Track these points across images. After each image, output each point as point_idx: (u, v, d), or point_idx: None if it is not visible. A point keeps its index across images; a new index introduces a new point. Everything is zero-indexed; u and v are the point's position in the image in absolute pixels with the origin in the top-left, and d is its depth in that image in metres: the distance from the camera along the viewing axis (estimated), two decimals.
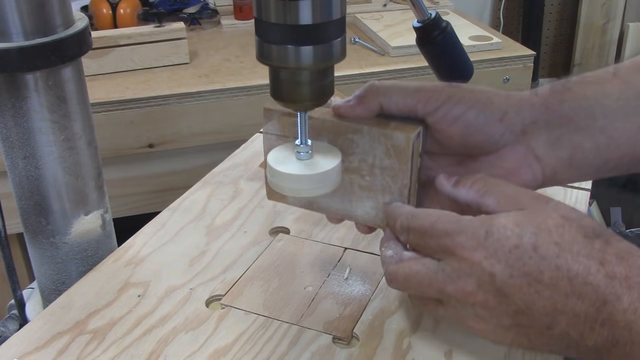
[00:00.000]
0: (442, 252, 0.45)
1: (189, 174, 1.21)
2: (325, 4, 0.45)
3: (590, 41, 2.28)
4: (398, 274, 0.48)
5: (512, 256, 0.43)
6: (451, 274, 0.45)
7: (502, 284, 0.43)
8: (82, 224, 0.63)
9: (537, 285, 0.42)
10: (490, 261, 0.43)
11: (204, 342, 0.53)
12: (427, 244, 0.47)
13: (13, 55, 0.53)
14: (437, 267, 0.46)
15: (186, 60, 1.37)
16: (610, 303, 0.40)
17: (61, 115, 0.58)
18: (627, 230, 1.03)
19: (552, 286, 0.42)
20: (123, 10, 1.47)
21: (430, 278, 0.46)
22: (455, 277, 0.44)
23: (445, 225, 0.46)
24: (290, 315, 0.56)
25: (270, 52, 0.47)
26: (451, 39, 0.67)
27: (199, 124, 1.26)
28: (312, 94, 0.49)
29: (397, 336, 0.54)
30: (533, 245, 0.42)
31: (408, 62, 1.35)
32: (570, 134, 0.53)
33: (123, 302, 0.58)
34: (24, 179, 0.59)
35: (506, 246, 0.43)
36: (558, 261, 0.42)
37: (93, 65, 1.29)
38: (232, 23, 1.61)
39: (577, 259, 0.42)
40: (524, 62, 1.41)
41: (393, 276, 0.48)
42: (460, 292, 0.44)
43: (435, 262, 0.46)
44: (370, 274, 0.61)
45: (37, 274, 0.65)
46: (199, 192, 0.75)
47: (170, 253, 0.64)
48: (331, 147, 0.54)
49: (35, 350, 0.52)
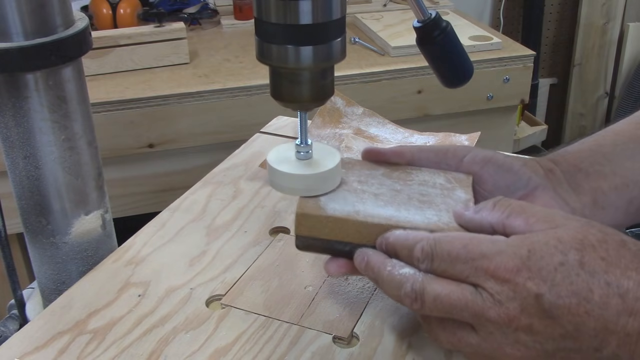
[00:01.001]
0: (479, 276, 0.42)
1: (189, 174, 1.21)
2: (325, 4, 0.45)
3: (590, 41, 2.28)
4: (426, 293, 0.43)
5: (558, 275, 0.40)
6: (492, 297, 0.41)
7: (550, 306, 0.40)
8: (82, 224, 0.63)
9: (587, 304, 0.39)
10: (535, 281, 0.40)
11: (204, 342, 0.53)
12: (459, 269, 0.43)
13: (13, 55, 0.53)
14: (475, 291, 0.42)
15: (186, 60, 1.37)
16: None
17: (61, 115, 0.58)
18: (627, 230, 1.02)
19: (603, 304, 0.39)
20: (123, 10, 1.47)
21: (467, 300, 0.42)
22: (497, 300, 0.41)
23: (480, 246, 0.42)
24: (290, 315, 0.56)
25: (270, 52, 0.47)
26: (451, 39, 0.67)
27: (199, 124, 1.26)
28: (312, 94, 0.49)
29: (397, 336, 0.54)
30: (579, 261, 0.40)
31: (408, 62, 1.36)
32: (585, 179, 0.54)
33: (123, 302, 0.58)
34: (24, 178, 0.59)
35: (551, 264, 0.40)
36: (607, 277, 0.40)
37: (93, 65, 1.29)
38: (232, 23, 1.61)
39: (626, 273, 0.40)
40: (524, 62, 1.41)
41: (419, 294, 0.44)
42: (502, 317, 0.41)
43: (470, 286, 0.42)
44: None
45: (37, 274, 0.65)
46: (199, 192, 0.75)
47: (171, 253, 0.64)
48: (331, 147, 0.54)
49: (36, 350, 0.52)
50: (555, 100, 2.44)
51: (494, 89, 1.40)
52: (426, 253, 0.44)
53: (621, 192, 0.54)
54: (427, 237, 0.45)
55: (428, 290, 0.43)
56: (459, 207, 0.50)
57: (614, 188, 0.54)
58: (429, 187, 0.53)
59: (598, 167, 0.55)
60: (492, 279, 0.41)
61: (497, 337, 0.42)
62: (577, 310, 0.40)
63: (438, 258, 0.44)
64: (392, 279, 0.46)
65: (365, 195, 0.51)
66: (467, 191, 0.52)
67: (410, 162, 0.56)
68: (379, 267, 0.47)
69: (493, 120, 1.46)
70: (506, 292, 0.41)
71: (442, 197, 0.51)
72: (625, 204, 0.54)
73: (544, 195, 0.53)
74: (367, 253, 0.48)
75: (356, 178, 0.54)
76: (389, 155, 0.56)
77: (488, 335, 0.42)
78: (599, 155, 0.55)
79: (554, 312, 0.40)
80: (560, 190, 0.54)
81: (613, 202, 0.54)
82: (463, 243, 0.43)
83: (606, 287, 0.39)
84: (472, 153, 0.55)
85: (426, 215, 0.49)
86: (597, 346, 0.40)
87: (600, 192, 0.54)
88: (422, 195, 0.52)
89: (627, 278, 0.40)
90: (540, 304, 0.40)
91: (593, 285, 0.40)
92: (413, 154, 0.56)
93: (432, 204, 0.51)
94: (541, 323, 0.40)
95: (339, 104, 0.87)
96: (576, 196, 0.54)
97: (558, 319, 0.40)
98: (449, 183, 0.53)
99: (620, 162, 0.54)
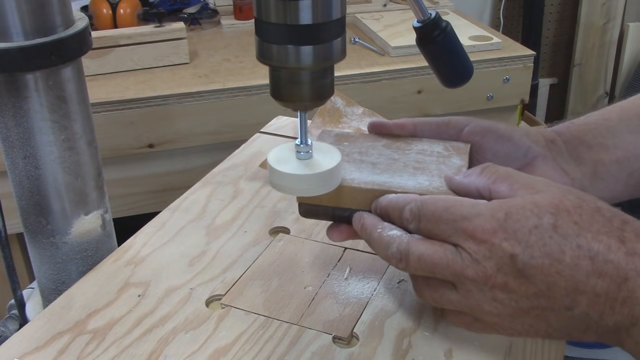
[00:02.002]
0: (459, 237, 0.44)
1: (189, 174, 1.21)
2: (325, 4, 0.45)
3: (590, 41, 2.28)
4: (411, 253, 0.46)
5: (532, 237, 0.42)
6: (470, 257, 0.44)
7: (524, 265, 0.42)
8: (82, 224, 0.63)
9: (559, 265, 0.41)
10: (510, 242, 0.42)
11: (204, 342, 0.53)
12: (442, 229, 0.45)
13: (13, 55, 0.53)
14: (455, 250, 0.44)
15: (186, 60, 1.37)
16: (631, 279, 0.40)
17: (61, 115, 0.58)
18: None
19: (573, 266, 0.41)
20: (123, 10, 1.47)
21: (448, 259, 0.44)
22: (474, 260, 0.43)
23: (462, 209, 0.45)
24: (290, 315, 0.56)
25: (270, 52, 0.47)
26: (451, 39, 0.67)
27: (199, 124, 1.26)
28: (312, 94, 0.49)
29: (397, 336, 0.54)
30: (553, 225, 0.42)
31: (408, 62, 1.36)
32: (587, 151, 0.56)
33: (123, 302, 0.58)
34: (24, 178, 0.59)
35: (526, 227, 0.42)
36: (579, 240, 0.42)
37: (93, 65, 1.29)
38: (232, 23, 1.61)
39: (597, 237, 0.42)
40: (524, 62, 1.41)
41: (404, 254, 0.46)
42: (480, 275, 0.43)
43: (452, 245, 0.45)
44: (370, 274, 0.61)
45: (37, 274, 0.65)
46: (199, 192, 0.75)
47: (170, 253, 0.64)
48: (331, 147, 0.54)
49: (35, 350, 0.52)
50: (555, 100, 2.44)
51: (494, 89, 1.40)
52: (414, 214, 0.47)
53: (622, 165, 0.55)
54: (415, 199, 0.48)
55: (412, 250, 0.46)
56: (450, 172, 0.52)
57: (615, 161, 0.55)
58: (426, 155, 0.55)
59: (601, 139, 0.56)
60: (471, 239, 0.44)
61: (475, 294, 0.44)
62: (549, 270, 0.42)
63: (424, 219, 0.46)
64: (381, 239, 0.48)
65: (363, 164, 0.55)
66: (463, 158, 0.54)
67: (413, 134, 0.59)
68: (371, 229, 0.49)
69: (493, 120, 1.46)
70: (483, 252, 0.43)
71: (437, 164, 0.54)
72: (625, 176, 0.55)
73: (543, 165, 0.55)
74: (363, 216, 0.51)
75: (358, 149, 0.57)
76: (391, 128, 0.58)
77: (467, 292, 0.45)
78: (603, 129, 0.56)
79: (527, 271, 0.42)
80: (560, 160, 0.55)
81: (613, 173, 0.55)
82: (446, 205, 0.46)
83: (577, 250, 0.41)
84: (473, 123, 0.57)
85: (418, 180, 0.52)
86: (569, 305, 0.42)
87: (600, 164, 0.55)
88: (417, 162, 0.54)
89: (597, 242, 0.41)
90: (514, 264, 0.42)
91: (565, 247, 0.42)
92: (415, 126, 0.58)
93: (426, 170, 0.53)
94: (515, 282, 0.43)
95: (339, 104, 0.87)
96: (577, 167, 0.55)
97: (531, 277, 0.42)
98: (447, 151, 0.56)
99: (624, 136, 0.56)
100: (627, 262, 0.41)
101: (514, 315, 0.44)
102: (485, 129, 0.56)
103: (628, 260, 0.41)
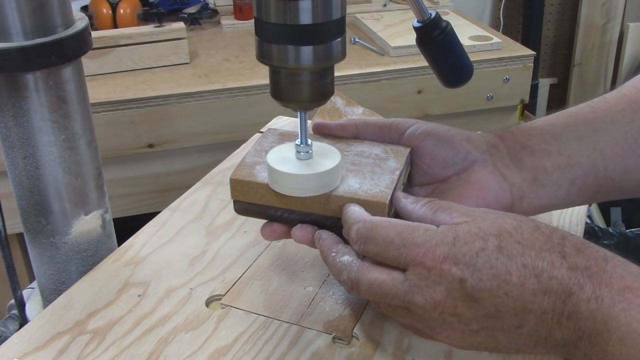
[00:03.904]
0: (408, 263, 0.44)
1: (189, 174, 1.21)
2: (325, 4, 0.45)
3: (590, 41, 2.28)
4: (361, 282, 0.46)
5: (479, 260, 0.42)
6: (418, 283, 0.44)
7: (472, 289, 0.42)
8: (82, 224, 0.63)
9: (506, 286, 0.42)
10: (460, 267, 0.43)
11: (204, 342, 0.53)
12: (391, 255, 0.45)
13: (13, 55, 0.53)
14: (403, 278, 0.45)
15: (186, 60, 1.37)
16: (574, 294, 0.41)
17: (61, 115, 0.58)
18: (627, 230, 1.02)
19: (520, 285, 0.42)
20: (123, 10, 1.47)
21: (397, 289, 0.45)
22: (423, 286, 0.44)
23: (414, 234, 0.45)
24: (290, 315, 0.56)
25: (270, 52, 0.47)
26: (451, 39, 0.67)
27: (199, 124, 1.26)
28: (312, 94, 0.49)
29: (397, 336, 0.54)
30: (498, 246, 0.43)
31: (408, 62, 1.36)
32: (529, 156, 0.56)
33: (123, 302, 0.58)
34: (24, 178, 0.59)
35: (473, 250, 0.43)
36: (524, 259, 0.42)
37: (93, 65, 1.29)
38: (232, 23, 1.61)
39: (540, 254, 0.42)
40: (524, 62, 1.41)
41: (355, 283, 0.47)
42: (429, 301, 0.44)
43: (400, 272, 0.45)
44: None
45: (37, 274, 0.65)
46: (199, 192, 0.75)
47: (170, 253, 0.64)
48: (331, 147, 0.54)
49: (35, 350, 0.52)
50: (555, 100, 2.44)
51: (494, 89, 1.40)
52: (360, 235, 0.47)
53: (564, 172, 0.55)
54: (364, 219, 0.48)
55: (362, 279, 0.46)
56: (386, 177, 0.52)
57: (557, 167, 0.55)
58: (364, 157, 0.55)
59: (545, 145, 0.56)
60: (420, 265, 0.44)
61: (426, 319, 0.45)
62: (497, 292, 0.42)
63: (373, 242, 0.46)
64: (334, 265, 0.49)
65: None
66: (400, 161, 0.55)
67: (355, 135, 0.58)
68: (326, 252, 0.50)
69: (493, 120, 1.46)
70: (433, 278, 0.43)
71: (372, 166, 0.54)
72: (567, 183, 0.55)
73: (482, 169, 0.55)
74: (321, 236, 0.51)
75: None
76: (333, 129, 0.58)
77: (419, 317, 0.45)
78: (548, 135, 0.56)
79: (476, 295, 0.43)
80: (500, 165, 0.55)
81: (555, 180, 0.55)
82: (398, 230, 0.45)
83: (523, 269, 0.42)
84: (414, 126, 0.57)
85: (349, 183, 0.52)
86: (518, 324, 0.43)
87: (542, 170, 0.55)
88: (353, 164, 0.54)
89: (541, 259, 0.42)
90: (464, 288, 0.43)
91: (511, 268, 0.42)
92: (358, 128, 0.58)
93: (359, 173, 0.53)
94: (464, 305, 0.43)
95: (339, 104, 0.87)
96: (517, 172, 0.55)
97: (480, 300, 0.43)
98: (385, 153, 0.56)
99: (568, 143, 0.56)
100: (569, 277, 0.41)
101: (463, 336, 0.45)
102: (425, 132, 0.56)
103: (570, 275, 0.41)
